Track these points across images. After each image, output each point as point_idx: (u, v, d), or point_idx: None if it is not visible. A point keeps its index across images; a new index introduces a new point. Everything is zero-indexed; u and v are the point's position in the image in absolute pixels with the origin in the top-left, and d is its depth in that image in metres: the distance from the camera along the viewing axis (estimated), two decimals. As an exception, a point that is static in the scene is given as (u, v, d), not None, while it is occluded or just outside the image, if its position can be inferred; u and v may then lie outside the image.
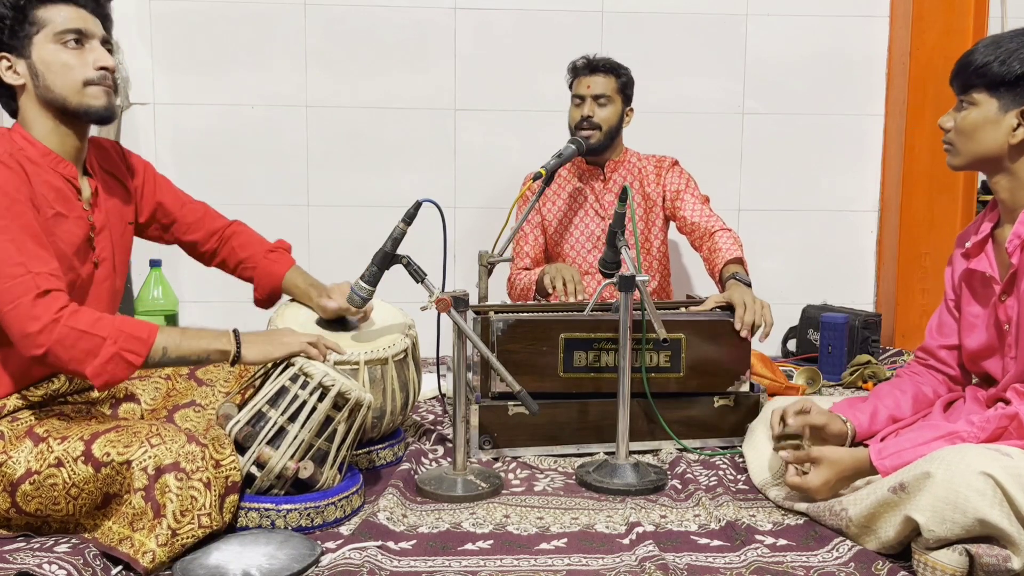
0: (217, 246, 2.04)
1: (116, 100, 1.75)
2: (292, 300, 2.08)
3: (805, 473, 1.74)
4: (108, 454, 1.55)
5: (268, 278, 2.05)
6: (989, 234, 1.80)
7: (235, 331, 1.74)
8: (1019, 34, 1.69)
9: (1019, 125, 1.67)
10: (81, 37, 1.68)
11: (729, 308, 2.26)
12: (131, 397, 1.91)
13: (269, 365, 1.80)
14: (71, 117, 1.70)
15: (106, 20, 1.75)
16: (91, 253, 1.75)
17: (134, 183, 1.92)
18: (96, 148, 1.85)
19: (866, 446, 1.75)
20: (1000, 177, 1.74)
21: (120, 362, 1.59)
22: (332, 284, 2.04)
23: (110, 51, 1.73)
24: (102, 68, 1.69)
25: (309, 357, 1.75)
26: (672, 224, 2.90)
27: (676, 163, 2.86)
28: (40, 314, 1.55)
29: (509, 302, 2.82)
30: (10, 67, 1.68)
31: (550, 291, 2.61)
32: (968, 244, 1.83)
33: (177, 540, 1.50)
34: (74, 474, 1.55)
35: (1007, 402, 1.67)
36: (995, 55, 1.67)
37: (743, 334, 2.18)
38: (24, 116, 1.71)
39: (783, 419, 1.85)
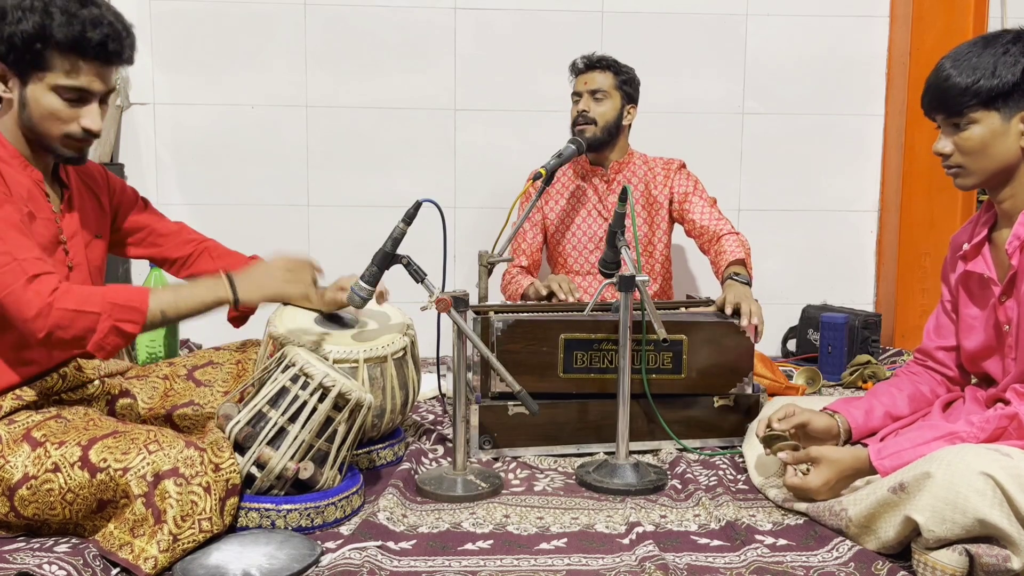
0: (192, 251, 2.03)
1: (89, 150, 1.75)
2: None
3: (804, 474, 1.74)
4: (105, 460, 1.54)
5: None
6: (986, 236, 1.80)
7: (227, 275, 1.74)
8: (986, 43, 1.66)
9: None
10: (81, 96, 1.66)
11: (722, 311, 2.26)
12: (126, 393, 1.91)
13: (270, 365, 1.80)
14: (41, 148, 1.71)
15: (126, 64, 1.72)
16: (64, 257, 1.75)
17: (112, 201, 1.93)
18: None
19: (865, 445, 1.75)
20: (1006, 189, 1.72)
21: (118, 333, 1.61)
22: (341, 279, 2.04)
23: (106, 100, 1.72)
24: (87, 130, 1.68)
25: (310, 296, 1.80)
26: (676, 227, 2.89)
27: (683, 165, 2.85)
28: (32, 300, 1.56)
29: (507, 301, 2.82)
30: (4, 79, 1.66)
31: (543, 293, 2.59)
32: (966, 246, 1.82)
33: (178, 545, 1.50)
34: (70, 479, 1.55)
35: (1006, 402, 1.67)
36: (979, 71, 1.64)
37: (746, 328, 2.18)
38: (3, 120, 1.71)
39: (769, 425, 1.87)
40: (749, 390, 2.22)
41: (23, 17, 1.58)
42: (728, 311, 2.22)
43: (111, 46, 1.64)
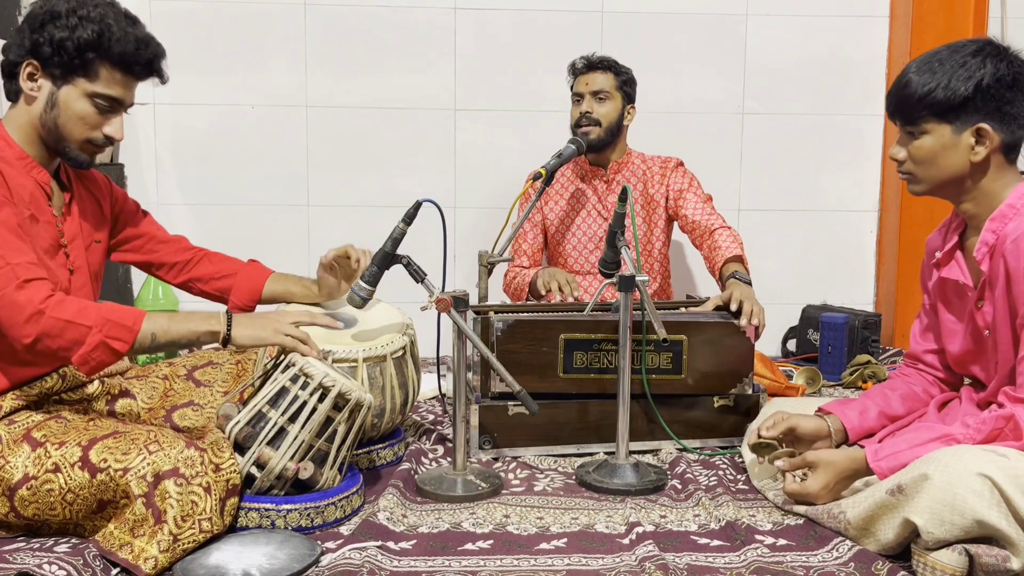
0: (191, 256, 2.04)
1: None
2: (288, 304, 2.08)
3: (803, 478, 1.74)
4: (105, 460, 1.55)
5: (250, 282, 2.05)
6: (957, 243, 1.79)
7: (227, 311, 1.74)
8: (949, 53, 1.66)
9: (977, 142, 1.65)
10: (112, 105, 1.71)
11: (726, 308, 2.26)
12: (126, 393, 1.91)
13: (269, 366, 1.80)
14: (53, 150, 1.72)
15: (163, 83, 1.82)
16: (65, 260, 1.75)
17: (114, 209, 1.94)
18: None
19: (862, 447, 1.75)
20: (965, 199, 1.72)
21: (106, 349, 1.61)
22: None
23: (127, 110, 1.77)
24: (109, 137, 1.73)
25: (299, 350, 1.74)
26: (675, 225, 2.90)
27: (681, 163, 2.86)
28: (24, 304, 1.56)
29: (508, 302, 2.82)
30: (33, 76, 1.67)
31: (543, 293, 2.62)
32: (938, 254, 1.82)
33: (179, 545, 1.50)
34: (70, 480, 1.55)
35: (1000, 405, 1.66)
36: (935, 81, 1.64)
37: (746, 328, 2.18)
38: (14, 116, 1.71)
39: (758, 434, 1.88)
40: (749, 390, 2.22)
41: (80, 24, 1.63)
42: (733, 307, 2.22)
43: (156, 64, 1.75)
